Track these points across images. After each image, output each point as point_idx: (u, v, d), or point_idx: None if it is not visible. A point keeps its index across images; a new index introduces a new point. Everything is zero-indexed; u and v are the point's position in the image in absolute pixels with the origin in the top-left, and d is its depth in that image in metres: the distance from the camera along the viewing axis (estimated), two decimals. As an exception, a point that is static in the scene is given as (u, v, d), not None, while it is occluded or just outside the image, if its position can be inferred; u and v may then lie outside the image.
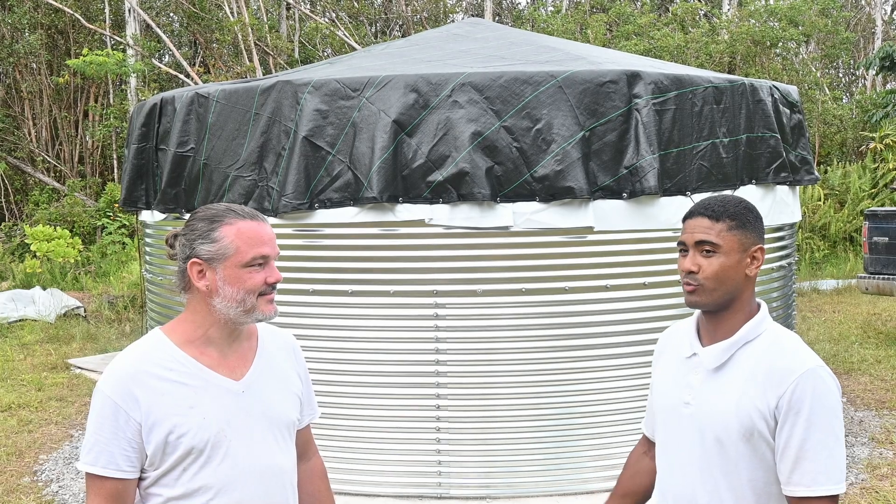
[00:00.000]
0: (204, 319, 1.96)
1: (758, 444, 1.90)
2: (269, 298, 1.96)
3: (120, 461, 1.87)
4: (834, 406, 1.86)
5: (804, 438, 1.84)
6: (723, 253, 1.94)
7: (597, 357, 4.68)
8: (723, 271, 1.94)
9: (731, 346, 1.96)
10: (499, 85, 4.53)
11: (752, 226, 1.98)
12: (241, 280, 1.92)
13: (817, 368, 1.88)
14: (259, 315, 1.95)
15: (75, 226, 15.90)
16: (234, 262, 1.91)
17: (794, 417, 1.85)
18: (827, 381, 1.88)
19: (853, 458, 5.39)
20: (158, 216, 5.47)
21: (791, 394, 1.85)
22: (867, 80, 24.19)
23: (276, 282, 1.96)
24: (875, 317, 10.16)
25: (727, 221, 1.95)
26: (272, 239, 1.97)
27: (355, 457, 4.71)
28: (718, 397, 1.95)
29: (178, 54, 17.79)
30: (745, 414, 1.90)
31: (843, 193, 16.10)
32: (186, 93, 5.17)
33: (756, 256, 1.98)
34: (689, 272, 1.96)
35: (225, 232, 1.92)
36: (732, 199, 2.00)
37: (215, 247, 1.92)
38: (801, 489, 1.86)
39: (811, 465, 1.84)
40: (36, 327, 10.25)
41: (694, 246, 1.97)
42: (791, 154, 5.47)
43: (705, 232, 1.95)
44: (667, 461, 2.07)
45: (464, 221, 4.53)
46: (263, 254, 1.93)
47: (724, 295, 1.95)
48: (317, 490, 2.25)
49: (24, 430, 6.32)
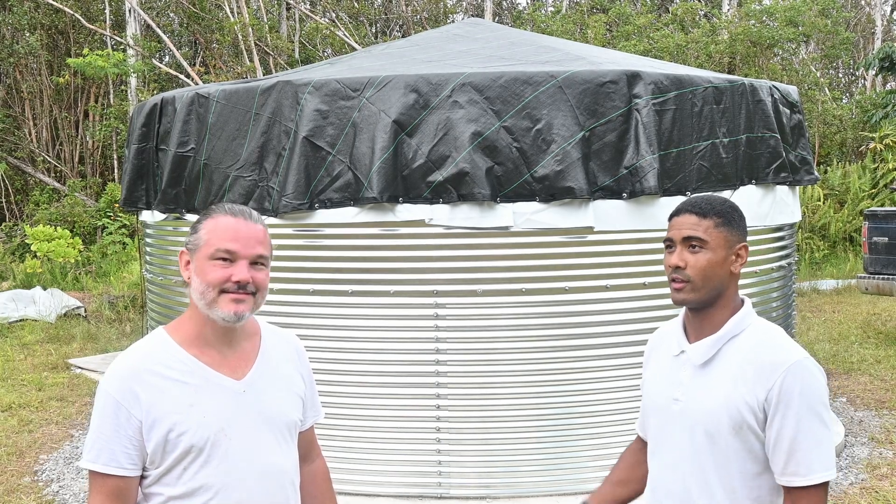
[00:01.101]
0: (199, 317, 1.97)
1: (747, 437, 1.94)
2: (234, 298, 1.90)
3: (121, 459, 1.88)
4: (821, 396, 1.91)
5: (796, 430, 1.89)
6: (710, 249, 1.99)
7: (597, 357, 4.69)
8: (710, 267, 1.98)
9: (718, 341, 2.00)
10: (499, 85, 4.53)
11: (737, 224, 2.03)
12: (204, 272, 1.92)
13: (804, 360, 1.93)
14: (219, 312, 1.91)
15: (76, 226, 15.91)
16: (203, 254, 1.93)
17: (785, 409, 1.89)
18: (814, 372, 1.93)
19: (853, 458, 5.39)
20: (159, 216, 5.47)
21: (780, 386, 1.90)
22: (867, 81, 24.19)
23: (241, 281, 1.90)
24: (875, 317, 10.17)
25: (714, 218, 2.00)
26: (250, 238, 1.93)
27: (355, 457, 4.72)
28: (707, 392, 1.98)
29: (179, 54, 17.79)
30: (734, 408, 1.93)
31: (842, 193, 16.11)
32: (187, 93, 5.18)
33: (740, 254, 2.03)
34: (677, 267, 2.00)
35: (205, 224, 1.96)
36: (717, 198, 2.06)
37: (194, 237, 1.96)
38: (797, 479, 1.90)
39: (805, 455, 1.89)
40: (36, 327, 10.26)
41: (681, 242, 2.01)
42: (791, 154, 5.48)
43: (693, 228, 2.00)
44: (658, 458, 2.10)
45: (464, 221, 4.53)
46: (228, 248, 1.90)
47: (711, 291, 1.99)
48: (320, 492, 2.25)
49: (24, 430, 6.32)
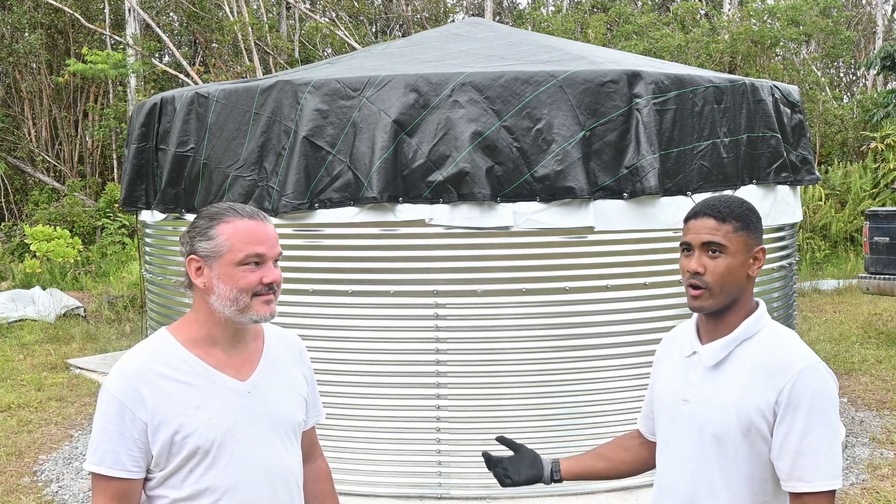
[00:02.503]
0: (207, 319, 1.95)
1: (755, 441, 1.92)
2: (266, 299, 1.92)
3: (125, 461, 1.87)
4: (832, 402, 1.88)
5: (804, 433, 1.86)
6: (729, 254, 1.95)
7: (597, 357, 4.68)
8: (728, 272, 1.95)
9: (730, 343, 1.98)
10: (499, 85, 4.52)
11: (755, 227, 2.00)
12: (234, 278, 1.90)
13: (816, 364, 1.89)
14: (254, 315, 1.92)
15: (75, 226, 15.90)
16: (228, 260, 1.90)
17: (794, 412, 1.86)
18: (825, 376, 1.89)
19: (854, 459, 5.38)
20: (158, 216, 5.46)
21: (790, 389, 1.87)
22: (868, 80, 24.17)
23: (272, 282, 1.92)
24: (876, 317, 10.15)
25: (733, 223, 1.96)
26: (271, 239, 1.94)
27: (355, 457, 4.70)
28: (717, 394, 1.96)
29: (178, 54, 17.78)
30: (743, 410, 1.91)
31: (843, 193, 16.09)
32: (186, 93, 5.17)
33: (758, 257, 2.00)
34: (696, 273, 1.96)
35: (221, 230, 1.91)
36: (735, 199, 2.02)
37: (211, 244, 1.91)
38: (801, 485, 1.87)
39: (811, 460, 1.85)
40: (36, 327, 10.24)
41: (700, 247, 1.97)
42: (792, 154, 5.46)
43: (712, 233, 1.96)
44: (665, 457, 2.10)
45: (464, 221, 4.52)
46: (258, 252, 1.91)
47: (728, 297, 1.96)
48: (322, 492, 2.25)
49: (23, 430, 6.31)
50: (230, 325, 1.96)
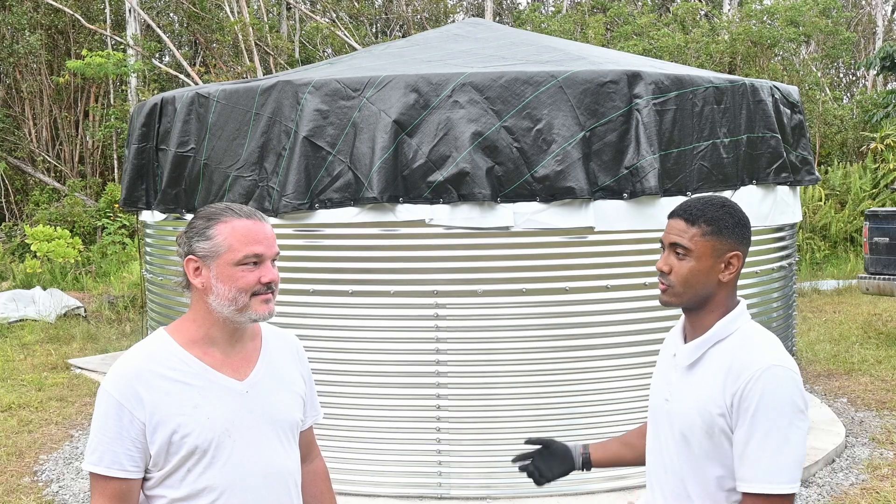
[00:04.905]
0: (205, 319, 1.96)
1: (721, 441, 1.92)
2: (264, 298, 1.93)
3: (124, 461, 1.87)
4: (784, 405, 1.83)
5: (749, 435, 1.85)
6: (693, 258, 1.95)
7: (597, 357, 4.68)
8: (692, 276, 1.95)
9: (703, 343, 1.98)
10: (499, 85, 4.52)
11: (731, 231, 1.96)
12: (233, 278, 1.91)
13: (773, 367, 1.85)
14: (253, 315, 1.93)
15: (75, 226, 15.90)
16: (226, 260, 1.91)
17: (744, 414, 1.86)
18: (781, 379, 1.85)
19: (854, 459, 5.38)
20: (159, 216, 5.47)
21: (741, 392, 1.86)
22: (868, 81, 24.18)
23: (270, 282, 1.93)
24: (876, 317, 10.16)
25: (702, 226, 1.95)
26: (268, 238, 1.95)
27: (355, 457, 4.71)
28: (689, 394, 1.98)
29: (179, 54, 17.79)
30: (705, 410, 1.92)
31: (843, 194, 16.09)
32: (187, 93, 5.17)
33: (731, 263, 1.96)
34: (661, 271, 1.99)
35: (219, 230, 1.92)
36: (715, 202, 1.98)
37: (209, 244, 1.92)
38: (743, 485, 1.87)
39: (754, 461, 1.85)
40: (36, 327, 10.25)
41: (668, 247, 1.99)
42: (792, 154, 5.47)
43: (679, 235, 1.96)
44: (650, 455, 2.13)
45: (464, 221, 4.52)
46: (256, 252, 1.91)
47: (694, 297, 1.97)
48: (319, 492, 2.25)
49: (24, 430, 6.32)
50: (228, 324, 1.96)
